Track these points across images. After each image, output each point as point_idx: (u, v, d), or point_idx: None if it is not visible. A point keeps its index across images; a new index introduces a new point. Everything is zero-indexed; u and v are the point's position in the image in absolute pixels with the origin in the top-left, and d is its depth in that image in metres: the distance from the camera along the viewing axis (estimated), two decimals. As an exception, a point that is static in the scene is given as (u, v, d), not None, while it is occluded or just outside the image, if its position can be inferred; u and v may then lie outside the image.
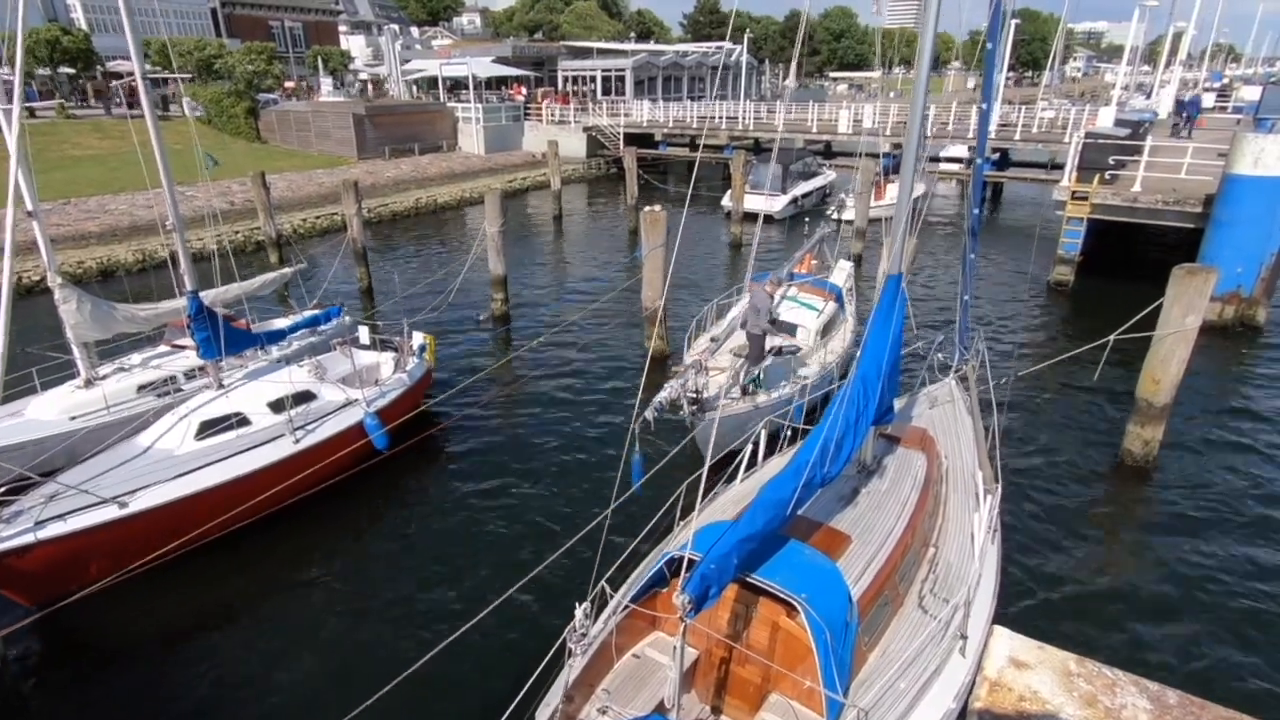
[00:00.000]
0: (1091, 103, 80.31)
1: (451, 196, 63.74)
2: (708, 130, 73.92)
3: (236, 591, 17.20)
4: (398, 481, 21.32)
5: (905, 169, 12.68)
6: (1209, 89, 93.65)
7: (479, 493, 20.89)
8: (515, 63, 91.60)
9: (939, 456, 16.15)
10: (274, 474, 18.96)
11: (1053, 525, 19.24)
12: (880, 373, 12.96)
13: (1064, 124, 61.11)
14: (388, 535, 19.28)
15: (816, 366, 23.44)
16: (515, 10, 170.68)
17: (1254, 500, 20.36)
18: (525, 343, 31.02)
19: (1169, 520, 19.52)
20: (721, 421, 20.09)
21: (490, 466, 22.21)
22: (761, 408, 21.11)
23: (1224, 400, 26.36)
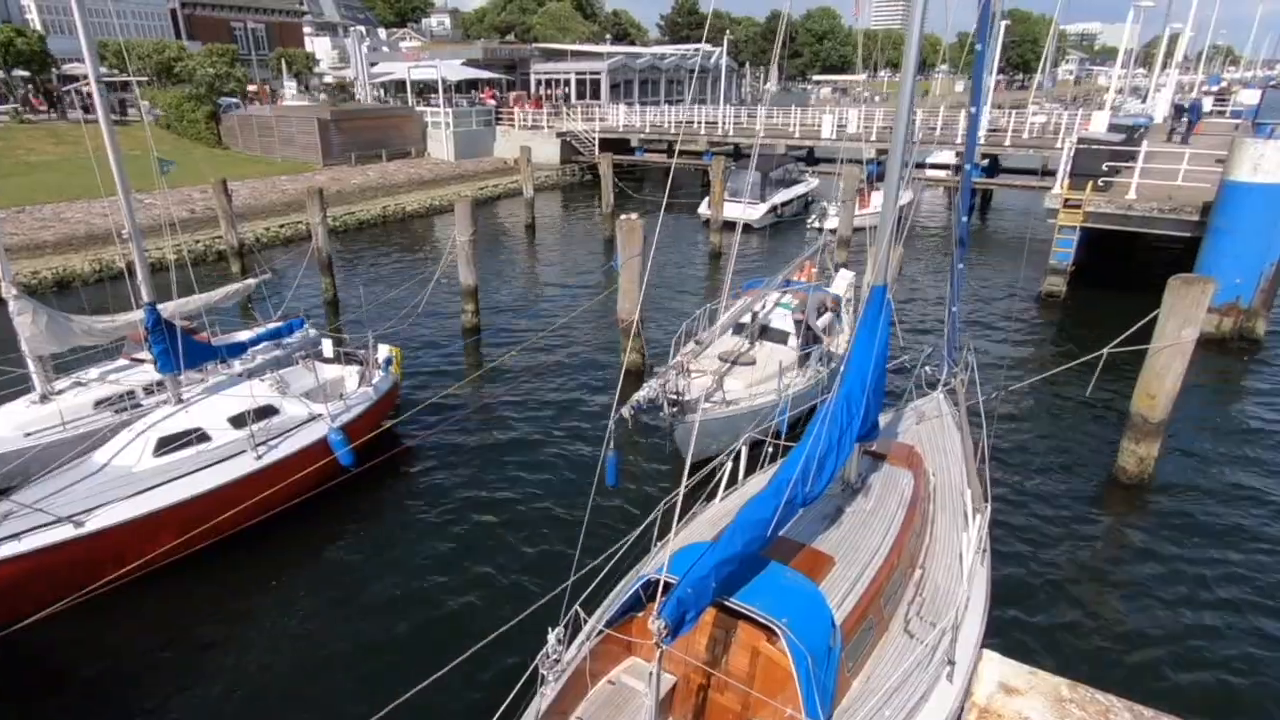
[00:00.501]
0: (1084, 107, 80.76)
1: (420, 204, 63.68)
2: (685, 135, 73.89)
3: (197, 615, 17.08)
4: (363, 500, 21.22)
5: (890, 176, 12.64)
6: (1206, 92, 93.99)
7: (448, 512, 20.82)
8: (486, 65, 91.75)
9: (926, 474, 16.08)
10: (235, 492, 18.84)
11: (1044, 546, 19.22)
12: (865, 387, 12.92)
13: (1056, 129, 61.25)
14: (353, 556, 19.18)
15: (807, 376, 23.57)
16: (486, 11, 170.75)
17: (1254, 520, 20.32)
18: (497, 356, 30.94)
19: (1165, 540, 19.48)
20: (702, 425, 20.08)
21: (459, 485, 22.14)
22: (744, 413, 21.23)
23: (1222, 416, 26.32)
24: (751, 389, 22.76)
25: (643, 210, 36.07)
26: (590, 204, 67.02)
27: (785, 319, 25.79)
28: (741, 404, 21.88)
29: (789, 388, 22.47)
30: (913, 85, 12.02)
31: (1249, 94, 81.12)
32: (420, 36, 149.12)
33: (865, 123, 65.70)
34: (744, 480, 16.00)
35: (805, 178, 64.70)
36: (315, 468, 20.37)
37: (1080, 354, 21.66)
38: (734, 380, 23.24)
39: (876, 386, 13.27)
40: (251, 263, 42.07)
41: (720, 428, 21.35)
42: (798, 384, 22.96)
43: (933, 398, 19.80)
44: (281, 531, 19.61)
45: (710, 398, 22.11)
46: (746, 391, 22.61)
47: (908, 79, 11.96)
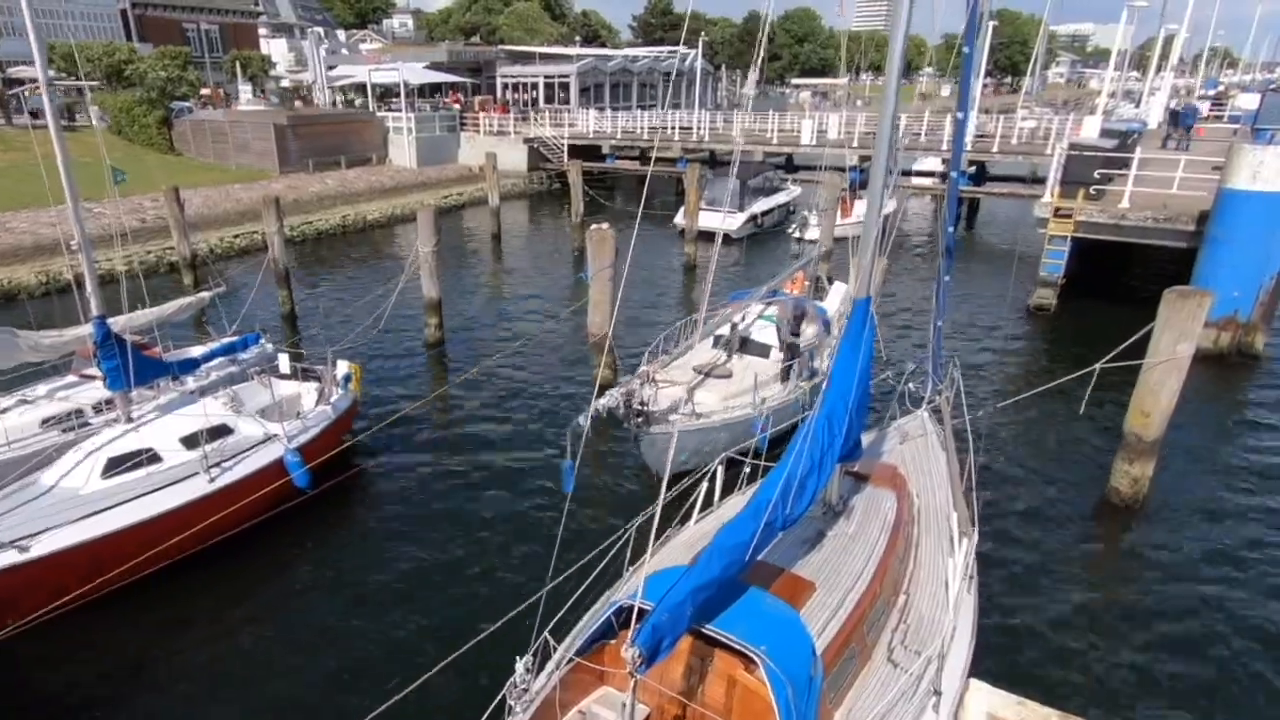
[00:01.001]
0: (1075, 111, 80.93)
1: (381, 213, 63.77)
2: (660, 142, 74.26)
3: (147, 642, 16.99)
4: (321, 523, 21.15)
5: (874, 184, 12.63)
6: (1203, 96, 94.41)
7: (410, 535, 20.77)
8: (450, 68, 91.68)
9: (910, 496, 16.08)
10: (187, 515, 18.75)
11: (1034, 571, 19.19)
12: (847, 405, 12.89)
13: (1046, 134, 61.79)
14: (310, 582, 19.12)
15: (786, 392, 23.62)
16: (450, 12, 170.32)
17: (1251, 545, 20.32)
18: (461, 372, 30.84)
19: (1159, 566, 19.48)
20: (667, 438, 20.36)
21: (422, 506, 22.12)
22: (715, 427, 21.27)
23: (1220, 435, 26.36)
24: (726, 402, 22.73)
25: (614, 220, 35.96)
26: (559, 213, 67.20)
27: (767, 332, 25.86)
28: (713, 417, 21.88)
29: (764, 402, 22.52)
30: (897, 89, 12.01)
31: (1247, 98, 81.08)
32: (381, 38, 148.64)
33: (847, 128, 65.76)
34: (721, 502, 15.96)
35: (785, 186, 64.77)
36: (270, 489, 20.27)
37: (1071, 370, 21.29)
38: (707, 393, 23.26)
39: (859, 404, 13.23)
40: (205, 275, 41.78)
41: (689, 441, 21.36)
42: (776, 399, 23.03)
43: (917, 416, 19.77)
44: (235, 556, 19.52)
45: (680, 409, 22.13)
46: (720, 405, 22.59)
47: (892, 82, 11.94)
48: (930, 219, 66.04)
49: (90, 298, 20.53)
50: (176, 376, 23.84)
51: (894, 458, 17.80)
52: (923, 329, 34.34)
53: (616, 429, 22.55)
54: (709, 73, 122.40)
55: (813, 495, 12.39)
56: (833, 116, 71.10)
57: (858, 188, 51.41)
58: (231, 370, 25.75)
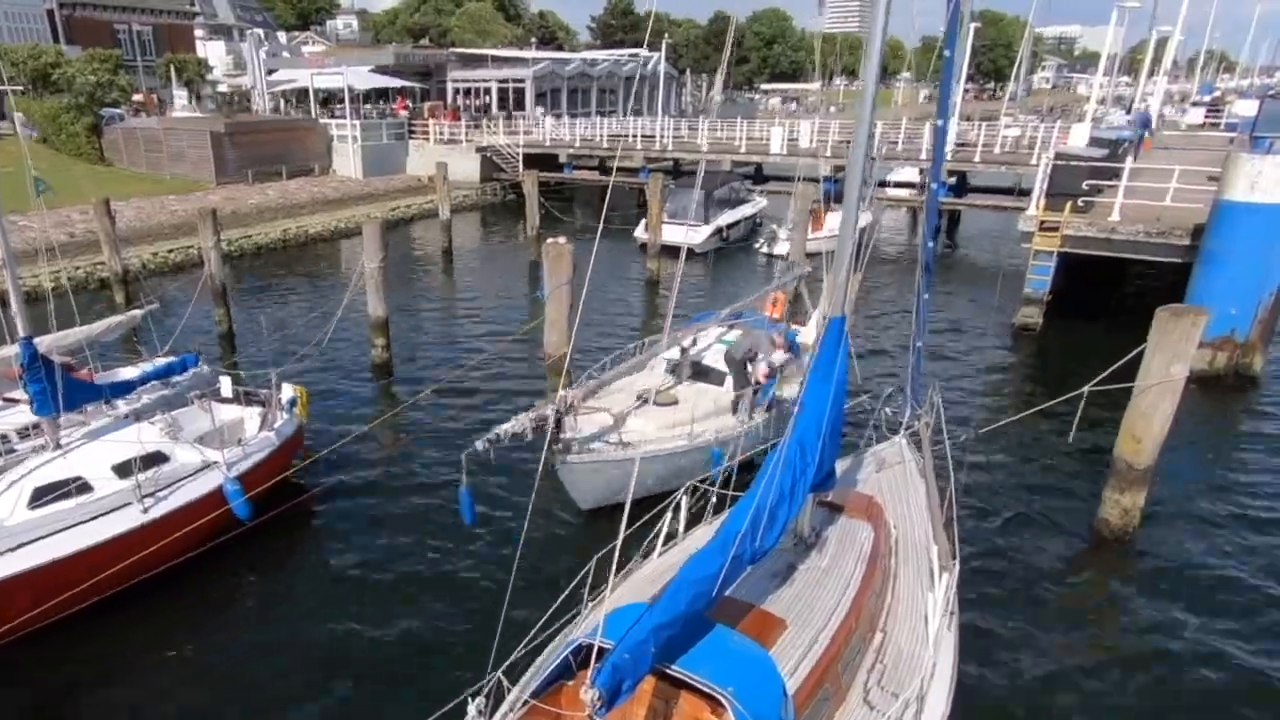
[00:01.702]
0: (1062, 119, 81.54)
1: (325, 227, 63.66)
2: (620, 151, 74.30)
3: (72, 683, 16.90)
4: (262, 557, 21.06)
5: (848, 196, 12.65)
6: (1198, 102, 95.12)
7: (356, 569, 20.70)
8: (398, 72, 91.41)
9: (887, 527, 16.09)
10: (119, 548, 18.63)
11: (1018, 607, 19.14)
12: (820, 431, 12.90)
13: (1031, 143, 61.77)
14: (250, 620, 19.05)
15: (738, 423, 23.47)
16: (398, 12, 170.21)
17: (1248, 580, 20.28)
18: (410, 396, 30.66)
19: (1151, 602, 19.43)
20: (585, 468, 20.64)
21: (369, 538, 22.02)
22: (644, 458, 20.79)
23: (1216, 463, 26.35)
24: (665, 432, 22.72)
25: (572, 233, 36.05)
26: (514, 226, 67.26)
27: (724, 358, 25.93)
28: (645, 447, 21.63)
29: (703, 434, 22.52)
30: (873, 95, 12.02)
31: (1245, 104, 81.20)
32: (324, 40, 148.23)
33: (820, 136, 66.08)
34: (686, 533, 15.95)
35: (753, 197, 65.00)
36: (209, 520, 20.09)
37: (1058, 393, 21.28)
38: (643, 420, 23.29)
39: (833, 430, 13.25)
40: (137, 291, 41.39)
41: (613, 473, 21.37)
42: (727, 430, 22.92)
43: (895, 443, 19.79)
44: (169, 592, 19.41)
45: (605, 438, 22.16)
46: (656, 434, 22.55)
47: (868, 88, 11.99)
48: (908, 233, 65.95)
49: (16, 316, 20.35)
50: (108, 400, 23.64)
51: (870, 487, 17.82)
52: (901, 350, 34.33)
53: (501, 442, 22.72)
54: (673, 77, 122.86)
55: (783, 526, 12.40)
56: (804, 124, 71.38)
57: (831, 199, 51.62)
58: (167, 394, 25.52)
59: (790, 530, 14.39)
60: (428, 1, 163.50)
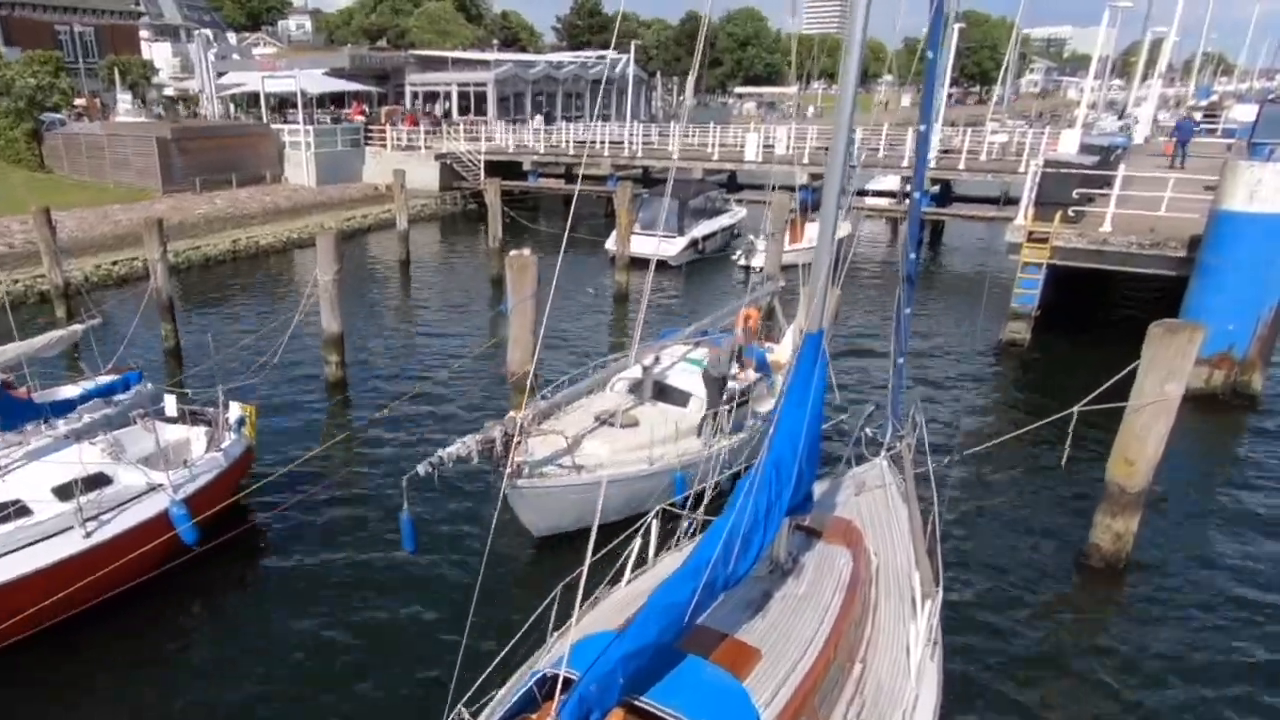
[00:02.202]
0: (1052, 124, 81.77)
1: (276, 238, 63.55)
2: (588, 157, 74.40)
3: (6, 717, 16.82)
4: (210, 584, 20.98)
5: (827, 205, 12.62)
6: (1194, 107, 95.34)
7: (308, 596, 20.63)
8: (353, 75, 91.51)
9: (867, 553, 16.01)
10: (59, 575, 18.48)
11: (1005, 637, 19.10)
12: (797, 452, 12.86)
13: (1019, 150, 61.73)
14: (196, 651, 18.95)
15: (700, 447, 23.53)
16: (353, 12, 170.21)
17: (1248, 612, 20.18)
18: (366, 416, 30.73)
19: (1144, 633, 19.36)
20: (539, 494, 20.70)
21: (322, 564, 21.96)
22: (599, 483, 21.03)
23: (1213, 486, 26.30)
24: (624, 455, 22.68)
25: (537, 245, 36.05)
26: (475, 237, 67.28)
27: (689, 377, 25.74)
28: (601, 471, 21.59)
29: (663, 458, 22.62)
30: (852, 99, 12.04)
31: (1244, 109, 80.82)
32: (276, 42, 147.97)
33: (797, 143, 65.32)
34: (656, 559, 15.88)
35: (731, 207, 65.04)
36: (154, 546, 19.91)
37: (1047, 413, 21.48)
38: (600, 443, 23.16)
39: (810, 451, 13.22)
40: (79, 305, 41.14)
41: (566, 499, 21.40)
42: (688, 454, 22.96)
43: (875, 464, 19.72)
44: (112, 621, 19.30)
45: (558, 461, 22.09)
46: (614, 457, 22.51)
47: (847, 91, 11.98)
48: (890, 244, 65.79)
49: (-49, 332, 20.36)
50: (47, 419, 23.45)
51: (849, 510, 17.77)
52: (881, 367, 34.00)
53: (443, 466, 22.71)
54: (642, 80, 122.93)
55: (758, 552, 12.43)
56: (781, 129, 71.48)
57: (809, 209, 51.07)
58: (109, 413, 25.18)
59: (765, 556, 14.16)
60: (384, 1, 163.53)
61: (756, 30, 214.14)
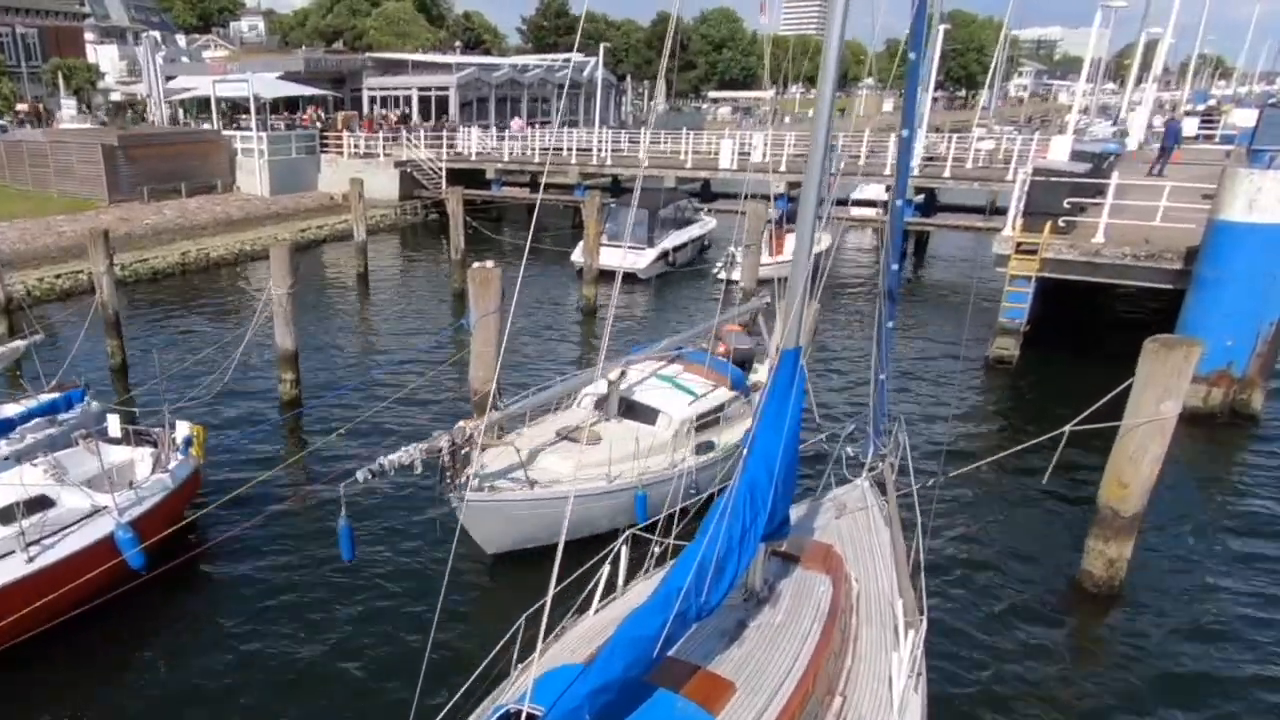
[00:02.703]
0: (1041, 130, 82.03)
1: (228, 250, 63.30)
2: (553, 165, 73.92)
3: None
4: (158, 611, 20.92)
5: (804, 215, 12.60)
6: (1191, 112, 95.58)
7: (259, 626, 20.56)
8: (309, 79, 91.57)
9: (848, 580, 15.96)
10: (2, 601, 18.40)
11: (992, 668, 19.01)
12: (773, 474, 12.80)
13: (1006, 157, 61.46)
14: (144, 681, 18.88)
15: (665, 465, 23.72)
16: (308, 13, 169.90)
17: (1248, 641, 20.11)
18: (321, 436, 30.40)
19: (1138, 664, 19.27)
20: (488, 509, 20.83)
21: (276, 592, 21.90)
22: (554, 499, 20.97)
23: (1210, 510, 26.19)
24: (585, 471, 22.60)
25: (501, 257, 36.06)
26: (437, 249, 66.92)
27: (659, 394, 25.88)
28: (557, 487, 21.71)
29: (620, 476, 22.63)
30: (831, 104, 12.00)
31: (1243, 114, 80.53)
32: (228, 44, 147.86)
33: (774, 150, 65.93)
34: (625, 587, 15.86)
35: (701, 217, 64.97)
36: (99, 571, 19.79)
37: (1036, 433, 21.28)
38: (559, 459, 23.30)
39: (787, 473, 13.18)
40: (21, 321, 41.06)
41: (518, 514, 21.55)
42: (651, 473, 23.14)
43: (856, 486, 19.72)
44: (55, 650, 19.25)
45: (510, 475, 22.19)
46: (572, 474, 22.40)
47: (825, 96, 11.93)
48: (871, 256, 65.30)
49: (-113, 348, 20.30)
50: (-12, 439, 23.58)
51: (829, 535, 17.72)
52: (862, 384, 33.33)
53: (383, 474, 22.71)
54: (611, 84, 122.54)
55: (732, 580, 12.38)
56: (757, 136, 71.51)
57: (786, 220, 50.88)
58: (52, 433, 25.21)
59: (740, 584, 14.17)
60: (341, 1, 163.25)
61: (732, 32, 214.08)
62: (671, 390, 25.95)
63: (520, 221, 75.52)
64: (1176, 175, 45.46)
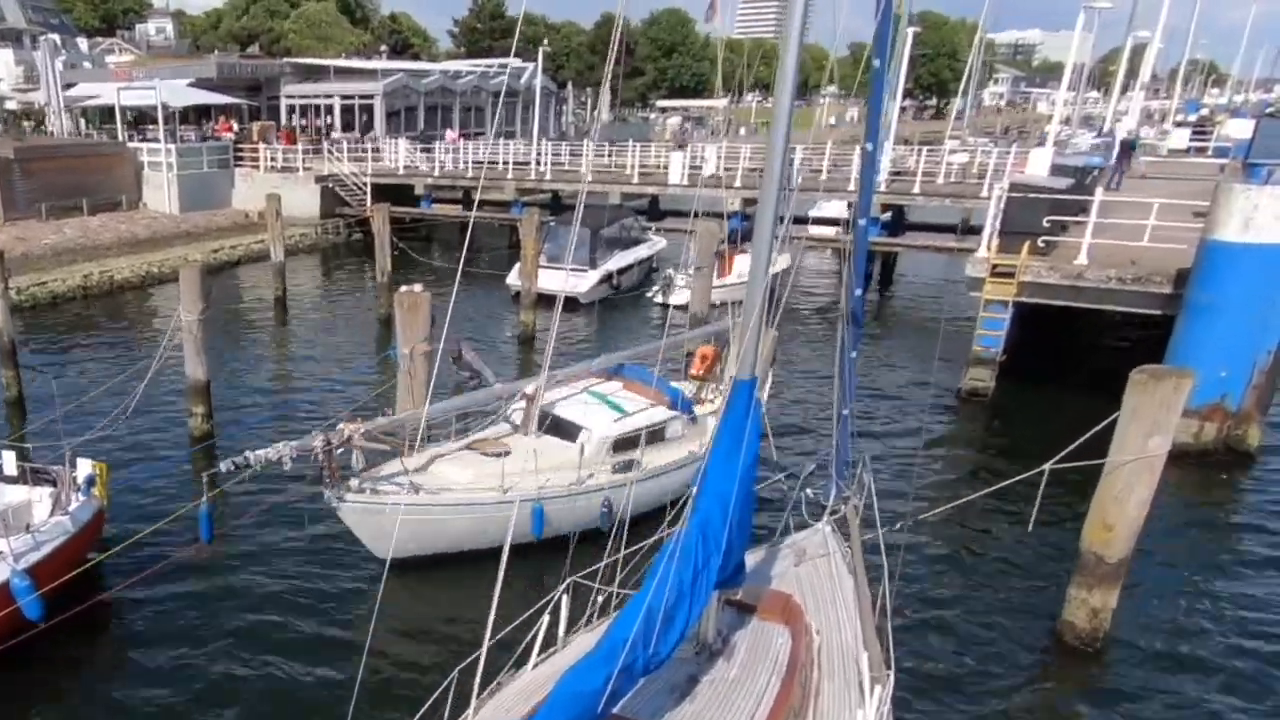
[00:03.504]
0: (1019, 142, 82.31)
1: (134, 272, 63.09)
2: (488, 180, 73.59)
3: None
4: (57, 662, 20.68)
5: (760, 235, 12.47)
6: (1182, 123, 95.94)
7: (169, 680, 20.35)
8: (222, 87, 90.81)
9: (808, 632, 15.81)
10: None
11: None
12: (726, 516, 12.60)
13: (981, 171, 61.94)
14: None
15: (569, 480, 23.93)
16: (221, 15, 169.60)
17: (1241, 698, 19.94)
18: (235, 474, 29.87)
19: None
20: (367, 511, 21.47)
21: (185, 643, 21.68)
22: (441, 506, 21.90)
23: (1203, 556, 26.06)
24: (479, 481, 23.16)
25: (432, 280, 35.90)
26: (361, 271, 67.08)
27: (585, 410, 26.22)
28: (444, 495, 22.42)
29: (515, 487, 22.63)
30: (790, 113, 11.91)
31: (1238, 124, 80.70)
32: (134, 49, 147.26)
33: (728, 163, 66.15)
34: (567, 639, 15.66)
35: (649, 237, 65.14)
36: (-9, 622, 19.96)
37: (1014, 471, 21.24)
38: (456, 467, 23.81)
39: (742, 515, 13.07)
40: (-93, 349, 41.06)
41: (405, 519, 21.48)
42: (552, 487, 23.38)
43: (817, 530, 19.53)
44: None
45: (395, 478, 22.64)
46: (466, 482, 23.02)
47: (783, 105, 11.82)
48: (833, 279, 65.50)
49: None
50: None
51: (787, 583, 17.59)
52: (824, 419, 33.21)
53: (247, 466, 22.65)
54: (551, 92, 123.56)
55: (683, 631, 12.24)
56: (709, 148, 71.69)
57: (740, 239, 50.53)
58: (-62, 471, 25.31)
59: (691, 635, 14.05)
60: (258, 2, 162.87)
61: (682, 36, 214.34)
62: (599, 406, 26.26)
63: (452, 241, 76.08)
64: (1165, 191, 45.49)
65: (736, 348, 13.63)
